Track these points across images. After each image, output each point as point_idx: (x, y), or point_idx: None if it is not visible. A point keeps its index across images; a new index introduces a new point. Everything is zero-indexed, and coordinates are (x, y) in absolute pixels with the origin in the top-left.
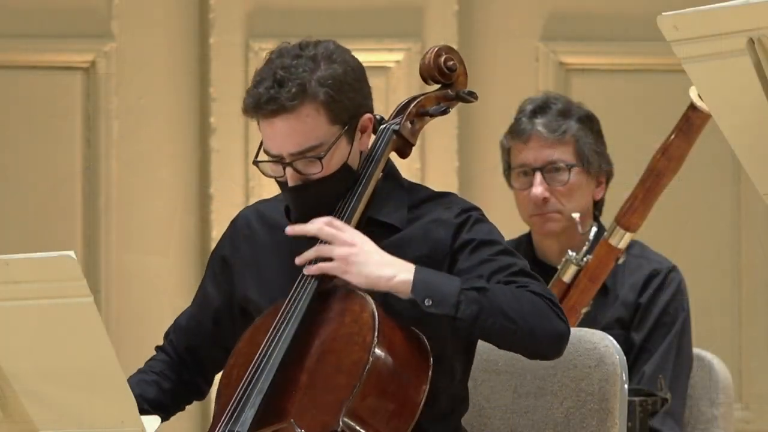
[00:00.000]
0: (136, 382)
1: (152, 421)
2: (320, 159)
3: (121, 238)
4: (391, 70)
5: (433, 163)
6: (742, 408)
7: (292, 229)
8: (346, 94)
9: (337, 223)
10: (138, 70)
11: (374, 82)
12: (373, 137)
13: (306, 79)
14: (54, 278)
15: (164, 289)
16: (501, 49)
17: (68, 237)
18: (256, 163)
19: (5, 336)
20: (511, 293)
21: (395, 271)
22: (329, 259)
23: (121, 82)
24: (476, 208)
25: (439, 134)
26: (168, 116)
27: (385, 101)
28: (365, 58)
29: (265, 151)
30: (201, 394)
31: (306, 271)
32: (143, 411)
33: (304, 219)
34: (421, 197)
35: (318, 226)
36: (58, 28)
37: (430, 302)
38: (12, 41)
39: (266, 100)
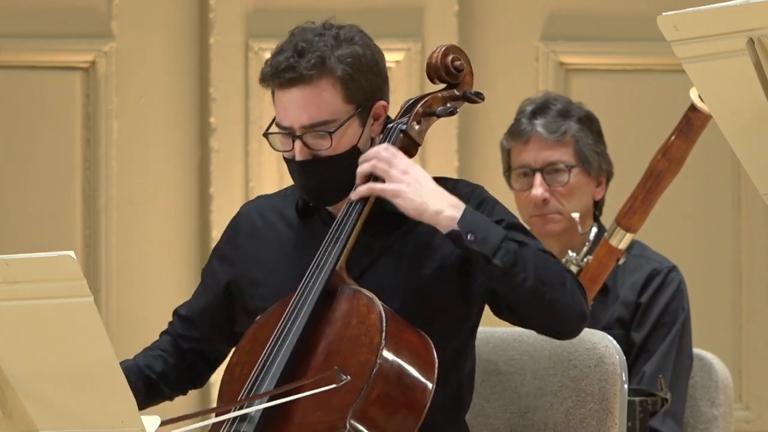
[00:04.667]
0: (142, 355)
1: (152, 421)
2: (330, 134)
3: (121, 238)
4: (391, 70)
5: (433, 162)
6: (742, 408)
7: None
8: (365, 75)
9: (389, 152)
10: (138, 70)
11: None
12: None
13: (326, 54)
14: (54, 278)
15: (164, 289)
16: (501, 49)
17: (68, 237)
18: (266, 135)
19: (5, 336)
20: (547, 260)
21: (443, 207)
22: (383, 181)
23: (121, 82)
24: (481, 186)
25: (439, 134)
26: (168, 116)
27: None
28: None
29: (277, 125)
30: (200, 381)
31: (354, 194)
32: (151, 381)
33: (308, 195)
34: None
35: (371, 162)
36: (58, 28)
37: (473, 238)
38: (12, 41)
39: (285, 68)
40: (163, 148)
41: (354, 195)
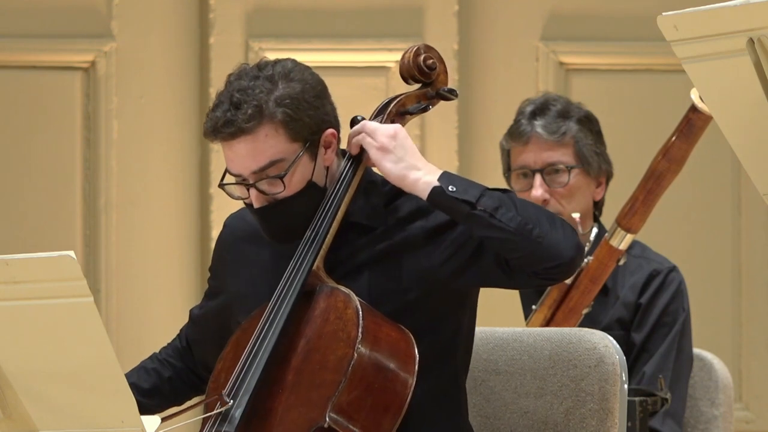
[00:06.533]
0: (136, 369)
1: (152, 421)
2: (281, 178)
3: (121, 238)
4: (391, 70)
5: (433, 163)
6: (742, 408)
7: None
8: (305, 112)
9: (372, 124)
10: (138, 70)
11: (374, 82)
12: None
13: (263, 100)
14: (54, 278)
15: (164, 289)
16: (501, 49)
17: (68, 237)
18: (221, 186)
19: (5, 336)
20: (533, 204)
21: (422, 174)
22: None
23: (121, 82)
24: None
25: (439, 134)
26: (168, 116)
27: None
28: (365, 58)
29: (230, 174)
30: (201, 388)
31: (348, 146)
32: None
33: (274, 239)
34: (395, 190)
35: (357, 137)
36: (58, 28)
37: (454, 189)
38: (12, 41)
39: (223, 123)
40: (163, 148)
41: (348, 146)
